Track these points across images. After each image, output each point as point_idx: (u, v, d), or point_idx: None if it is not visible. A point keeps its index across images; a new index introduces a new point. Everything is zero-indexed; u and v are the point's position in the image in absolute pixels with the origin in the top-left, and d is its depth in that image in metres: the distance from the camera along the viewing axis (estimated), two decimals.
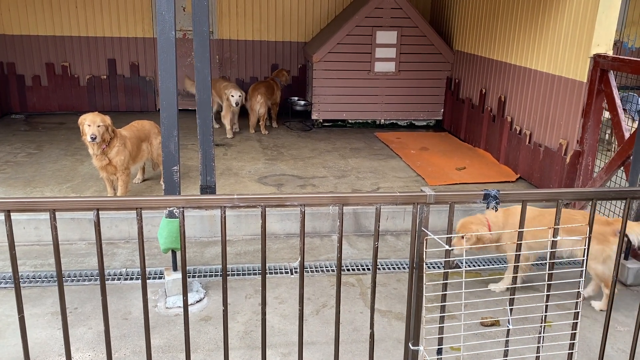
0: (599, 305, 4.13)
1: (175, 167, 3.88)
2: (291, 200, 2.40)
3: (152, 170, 6.17)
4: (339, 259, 2.46)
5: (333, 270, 4.64)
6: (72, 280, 4.32)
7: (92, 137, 4.91)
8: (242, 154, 7.09)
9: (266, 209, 2.36)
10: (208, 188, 4.98)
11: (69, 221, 4.91)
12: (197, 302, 4.08)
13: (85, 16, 8.72)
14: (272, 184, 6.05)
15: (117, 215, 4.97)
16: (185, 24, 8.95)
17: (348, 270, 4.65)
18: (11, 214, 2.19)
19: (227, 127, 7.93)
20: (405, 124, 8.79)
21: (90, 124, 4.93)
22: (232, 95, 7.60)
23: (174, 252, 4.10)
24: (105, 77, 9.02)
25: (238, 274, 4.52)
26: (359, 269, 4.67)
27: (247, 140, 7.81)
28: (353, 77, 8.32)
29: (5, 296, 4.07)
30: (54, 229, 2.22)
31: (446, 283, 2.42)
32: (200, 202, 2.53)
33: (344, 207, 2.43)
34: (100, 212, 2.25)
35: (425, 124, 8.83)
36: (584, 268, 2.51)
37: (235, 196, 2.32)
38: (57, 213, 2.22)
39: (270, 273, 4.55)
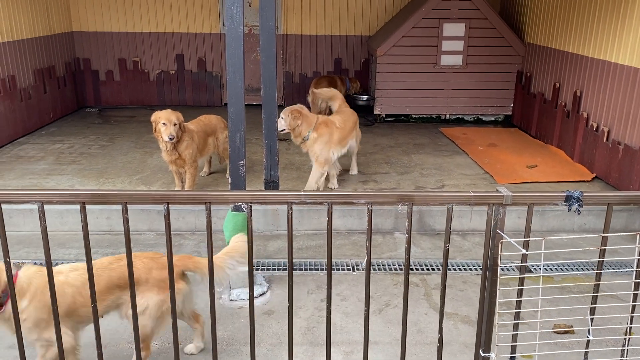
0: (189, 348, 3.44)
1: (242, 161, 3.90)
2: (358, 197, 2.35)
3: (218, 163, 6.27)
4: (407, 259, 2.38)
5: (396, 269, 4.55)
6: None
7: (170, 137, 4.91)
8: None
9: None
10: (272, 182, 4.99)
11: (138, 212, 5.06)
12: (261, 295, 4.10)
13: (155, 13, 9.00)
14: None
15: (184, 207, 5.09)
16: (250, 20, 9.04)
17: (412, 269, 4.54)
18: (86, 205, 2.25)
19: (333, 171, 5.79)
20: (471, 119, 8.52)
21: (167, 122, 4.92)
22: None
23: None
24: (173, 72, 9.27)
25: (300, 269, 4.51)
26: (423, 269, 4.56)
27: None
28: (418, 70, 8.13)
29: None
30: (126, 221, 2.27)
31: (522, 288, 2.29)
32: (266, 197, 2.51)
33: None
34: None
35: (493, 119, 8.52)
36: None
37: (302, 192, 2.29)
38: (127, 205, 2.26)
39: (333, 269, 4.51)
